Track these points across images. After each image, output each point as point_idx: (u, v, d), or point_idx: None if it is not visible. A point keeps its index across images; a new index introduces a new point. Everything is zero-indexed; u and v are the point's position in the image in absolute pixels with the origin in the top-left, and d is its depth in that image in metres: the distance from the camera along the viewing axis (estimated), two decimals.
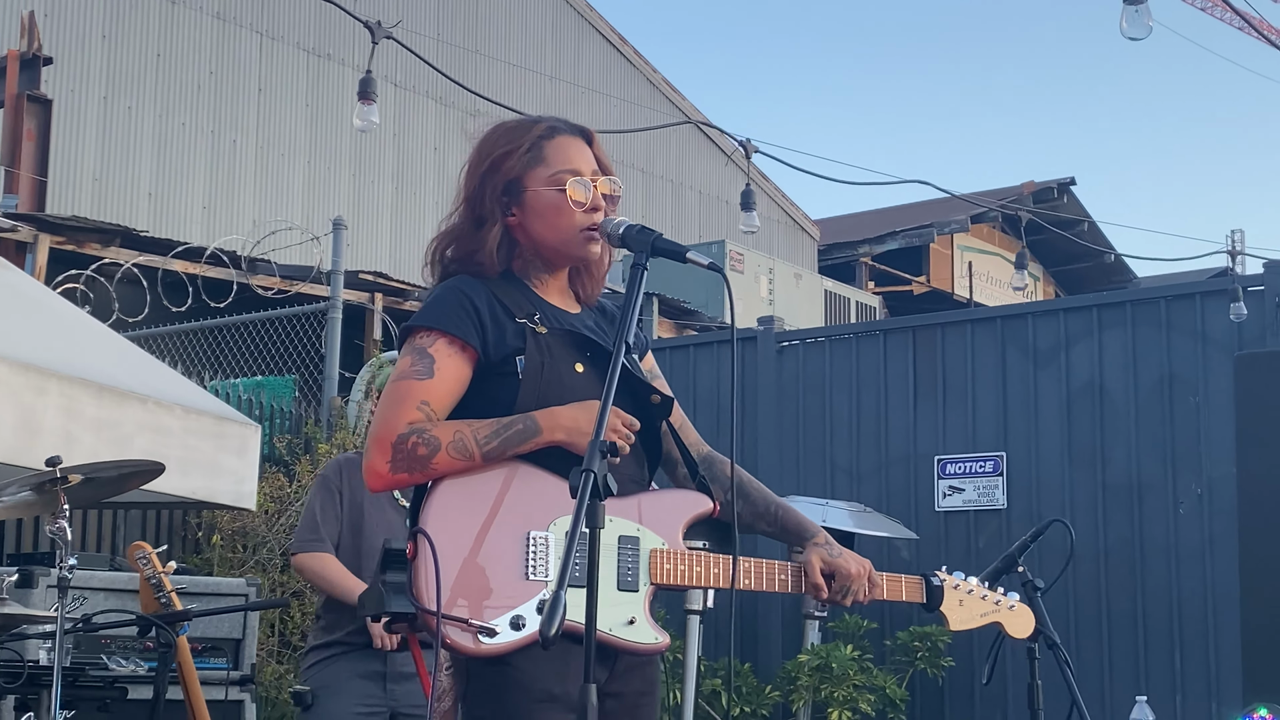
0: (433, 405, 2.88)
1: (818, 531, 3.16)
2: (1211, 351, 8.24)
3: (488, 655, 2.77)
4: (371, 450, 2.87)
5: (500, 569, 2.80)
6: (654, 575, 2.93)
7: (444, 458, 2.81)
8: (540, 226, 3.03)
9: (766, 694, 8.52)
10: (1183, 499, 8.20)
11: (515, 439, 2.84)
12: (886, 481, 9.16)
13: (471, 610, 2.76)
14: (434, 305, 2.98)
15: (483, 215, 3.04)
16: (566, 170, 3.03)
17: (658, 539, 2.95)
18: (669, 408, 3.09)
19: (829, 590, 3.08)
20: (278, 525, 8.61)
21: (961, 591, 3.32)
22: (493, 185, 3.04)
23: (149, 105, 13.64)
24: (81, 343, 5.90)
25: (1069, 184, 21.20)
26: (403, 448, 2.82)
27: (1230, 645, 7.64)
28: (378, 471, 2.86)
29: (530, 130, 3.09)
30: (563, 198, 3.01)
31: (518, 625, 2.77)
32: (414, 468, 2.82)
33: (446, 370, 2.91)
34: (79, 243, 10.56)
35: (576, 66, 17.29)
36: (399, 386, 2.90)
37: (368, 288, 11.46)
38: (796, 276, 15.88)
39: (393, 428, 2.85)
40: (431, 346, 2.92)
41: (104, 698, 4.99)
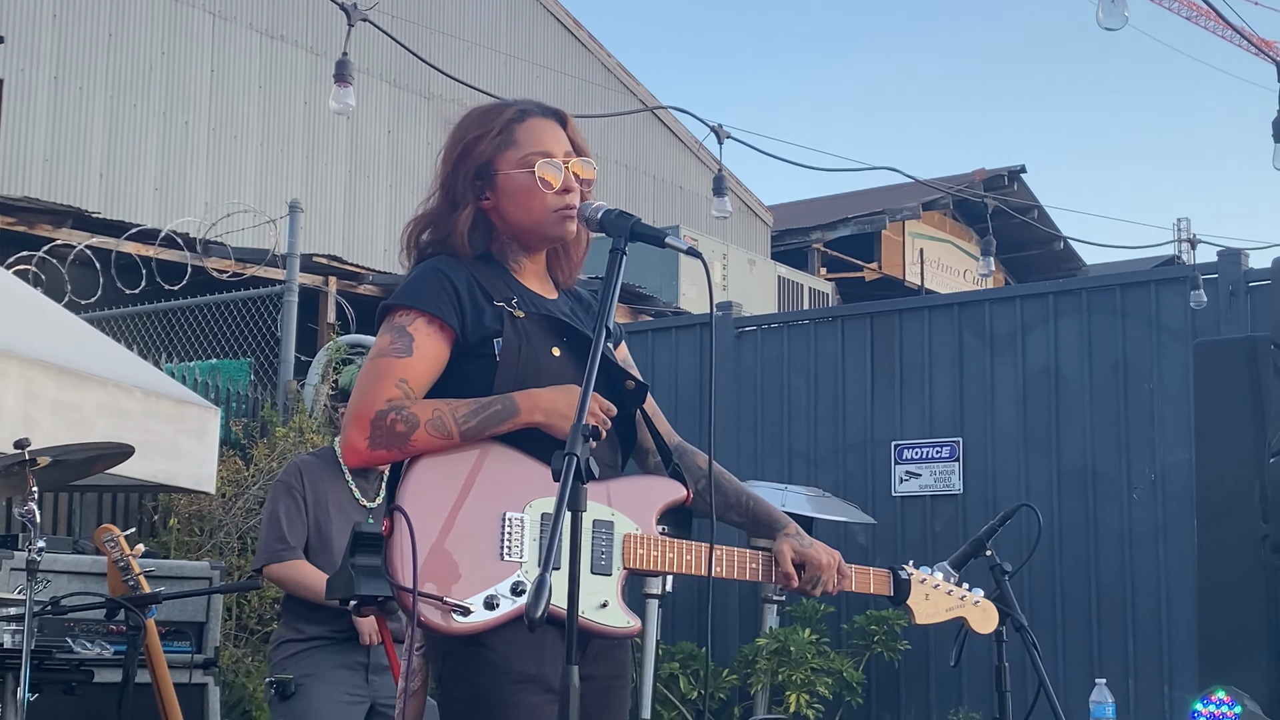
0: (411, 383, 2.88)
1: (789, 522, 3.18)
2: (1166, 339, 8.33)
3: (460, 634, 2.77)
4: (349, 426, 2.86)
5: (475, 549, 2.80)
6: (627, 560, 2.94)
7: (422, 435, 2.81)
8: (513, 209, 3.04)
9: (724, 677, 8.56)
10: (1136, 485, 8.29)
11: (494, 419, 2.85)
12: (844, 467, 9.21)
13: (445, 588, 2.76)
14: (414, 284, 2.98)
15: (456, 199, 3.04)
16: (537, 152, 3.04)
17: (632, 524, 2.96)
18: (643, 394, 3.11)
19: (799, 580, 3.10)
20: (234, 509, 8.57)
21: (928, 586, 3.36)
22: (465, 169, 3.04)
23: (100, 86, 13.50)
24: (39, 324, 5.84)
25: (1019, 171, 21.33)
26: (381, 424, 2.82)
27: (1182, 629, 7.74)
28: (355, 447, 2.85)
29: (502, 114, 3.09)
30: (533, 179, 3.01)
31: (491, 605, 2.77)
32: (392, 444, 2.82)
33: (425, 349, 2.91)
34: (30, 224, 10.46)
35: (531, 48, 17.25)
36: (378, 364, 2.90)
37: (322, 271, 11.40)
38: (750, 263, 15.91)
39: (371, 404, 2.84)
40: (411, 325, 2.92)
41: (70, 681, 4.96)
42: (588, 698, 2.94)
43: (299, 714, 4.76)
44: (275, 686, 4.77)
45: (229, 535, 8.51)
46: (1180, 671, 7.79)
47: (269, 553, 4.88)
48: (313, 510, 4.94)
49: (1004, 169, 21.21)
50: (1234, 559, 5.71)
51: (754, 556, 3.10)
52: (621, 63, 18.25)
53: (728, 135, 7.22)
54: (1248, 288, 8.12)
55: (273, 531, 4.90)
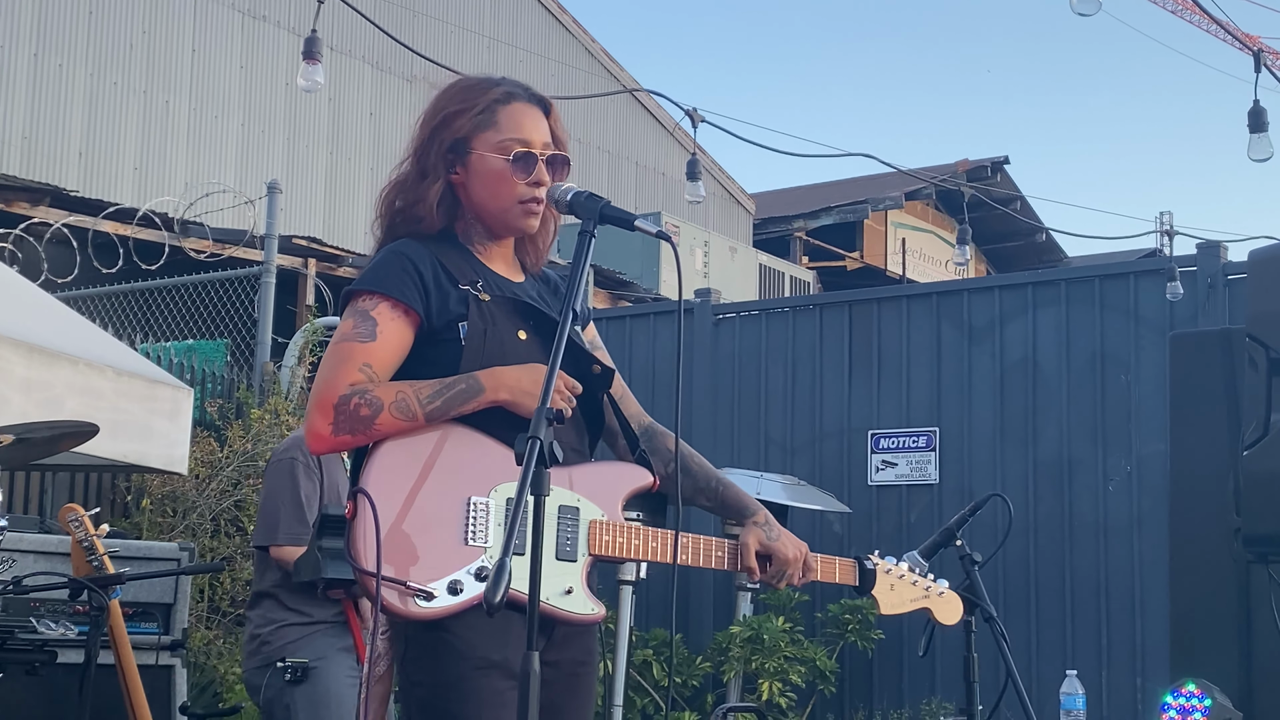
0: (375, 368, 2.85)
1: (758, 510, 3.16)
2: (1143, 331, 8.33)
3: (423, 619, 2.75)
4: (313, 412, 2.83)
5: (439, 533, 2.78)
6: (592, 546, 2.92)
7: (387, 418, 2.78)
8: (481, 191, 3.01)
9: (697, 664, 8.55)
10: (1112, 476, 8.29)
11: (458, 399, 2.82)
12: (820, 455, 9.20)
13: (408, 573, 2.73)
14: (377, 269, 2.95)
15: (426, 169, 3.01)
16: (516, 139, 3.00)
17: (597, 510, 2.94)
18: (610, 378, 3.08)
19: (763, 572, 3.09)
20: (208, 490, 8.54)
21: (893, 576, 3.35)
22: (440, 140, 3.01)
23: (80, 64, 13.41)
24: (11, 302, 5.79)
25: (1003, 163, 21.32)
26: (345, 409, 2.79)
27: (1155, 621, 7.75)
28: (319, 433, 2.82)
29: (488, 92, 3.05)
30: (506, 166, 2.98)
31: (455, 590, 2.75)
32: (356, 429, 2.79)
33: (389, 334, 2.88)
34: (7, 201, 10.40)
35: (514, 32, 17.18)
36: (340, 349, 2.87)
37: (301, 253, 11.36)
38: (731, 250, 15.89)
39: (334, 389, 2.81)
40: (374, 310, 2.89)
41: (33, 661, 4.92)
42: (554, 683, 2.92)
43: (318, 697, 4.70)
44: (290, 670, 4.68)
45: (202, 516, 8.48)
46: (1153, 663, 7.80)
47: (291, 534, 4.77)
48: (326, 494, 4.89)
49: (987, 160, 21.19)
50: (1206, 551, 5.70)
51: (719, 545, 3.09)
52: (605, 48, 18.20)
53: (702, 119, 7.19)
54: (1226, 280, 8.14)
55: (295, 513, 4.80)
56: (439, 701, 2.79)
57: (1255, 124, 6.40)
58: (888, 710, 8.64)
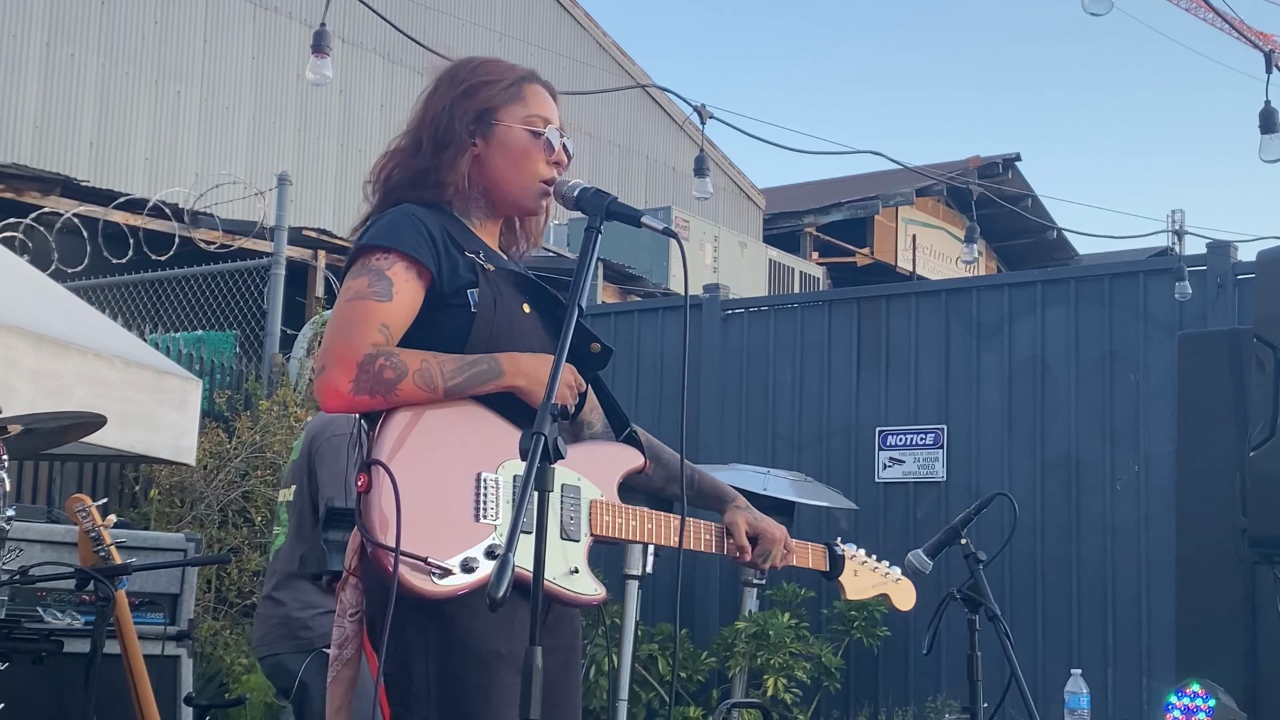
0: (391, 329, 2.77)
1: (736, 495, 3.18)
2: (1153, 330, 8.32)
3: (439, 597, 2.67)
4: (332, 367, 2.72)
5: (451, 509, 2.72)
6: (594, 526, 2.90)
7: (409, 385, 2.71)
8: (504, 163, 2.98)
9: (703, 660, 8.56)
10: (1120, 475, 8.28)
11: (478, 378, 2.77)
12: (827, 451, 9.19)
13: (423, 549, 2.66)
14: (390, 226, 2.86)
15: (446, 139, 2.96)
16: (541, 116, 3.01)
17: (596, 490, 2.92)
18: (606, 359, 3.04)
19: (751, 552, 3.10)
20: (216, 481, 8.56)
21: (856, 562, 3.38)
22: (463, 110, 2.97)
23: (92, 53, 13.44)
24: (20, 292, 5.80)
25: (1014, 160, 21.27)
26: (369, 368, 2.70)
27: (1162, 621, 7.74)
28: (337, 389, 2.71)
29: (512, 69, 3.06)
30: (534, 141, 2.98)
31: (469, 568, 2.69)
32: (377, 390, 2.70)
33: (404, 294, 2.80)
34: (18, 191, 10.43)
35: (526, 26, 17.18)
36: (357, 306, 2.77)
37: (311, 245, 11.38)
38: (741, 245, 15.88)
39: (357, 347, 2.72)
40: (390, 269, 2.80)
41: (39, 650, 4.92)
42: (549, 669, 2.91)
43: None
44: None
45: (210, 507, 8.50)
46: (1159, 663, 7.79)
47: None
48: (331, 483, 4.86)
49: (999, 157, 21.15)
50: (1212, 552, 5.70)
51: (708, 528, 3.10)
52: (617, 41, 18.20)
53: (710, 115, 7.19)
54: (1236, 280, 8.11)
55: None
56: (445, 694, 2.74)
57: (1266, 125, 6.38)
58: (893, 708, 8.64)
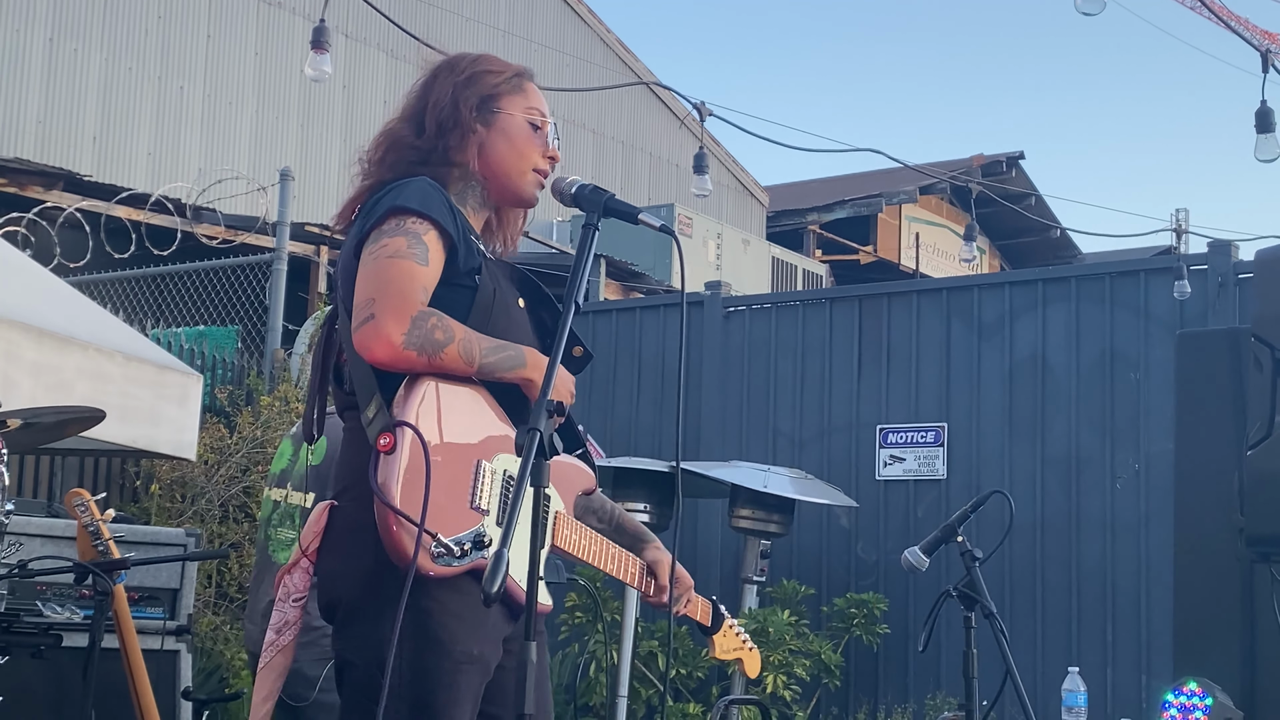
0: (426, 296, 2.77)
1: (654, 537, 3.26)
2: (1154, 329, 8.32)
3: (435, 576, 2.66)
4: (386, 315, 2.69)
5: (452, 490, 2.73)
6: (556, 537, 2.95)
7: (454, 352, 2.71)
8: (505, 150, 3.01)
9: (703, 656, 8.56)
10: (1120, 474, 8.29)
11: (505, 364, 2.79)
12: (828, 449, 9.20)
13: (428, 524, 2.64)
14: (422, 194, 2.84)
15: (451, 122, 2.98)
16: (540, 111, 3.08)
17: (560, 503, 2.98)
18: (585, 364, 3.08)
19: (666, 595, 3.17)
20: (217, 476, 8.57)
21: (728, 624, 3.44)
22: (467, 96, 3.01)
23: (95, 49, 13.45)
24: (22, 286, 5.81)
25: (1018, 158, 21.25)
26: (423, 325, 2.69)
27: (1161, 620, 7.74)
28: (390, 339, 2.68)
29: (511, 63, 3.13)
30: (534, 132, 3.04)
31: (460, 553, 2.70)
32: (425, 349, 2.69)
33: (435, 263, 2.80)
34: (21, 185, 10.43)
35: (530, 22, 17.18)
36: (401, 265, 2.75)
37: (313, 240, 11.38)
38: (744, 242, 15.88)
39: (411, 300, 2.70)
40: (425, 235, 2.79)
41: (38, 644, 4.94)
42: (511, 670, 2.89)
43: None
44: None
45: (210, 502, 8.51)
46: (1158, 661, 7.79)
47: None
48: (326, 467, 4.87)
49: (1003, 155, 21.13)
50: (1210, 550, 5.70)
51: (634, 561, 3.19)
52: (621, 38, 18.19)
53: (710, 113, 7.20)
54: (1237, 279, 8.11)
55: None
56: (417, 690, 2.71)
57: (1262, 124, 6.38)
58: (892, 705, 8.64)
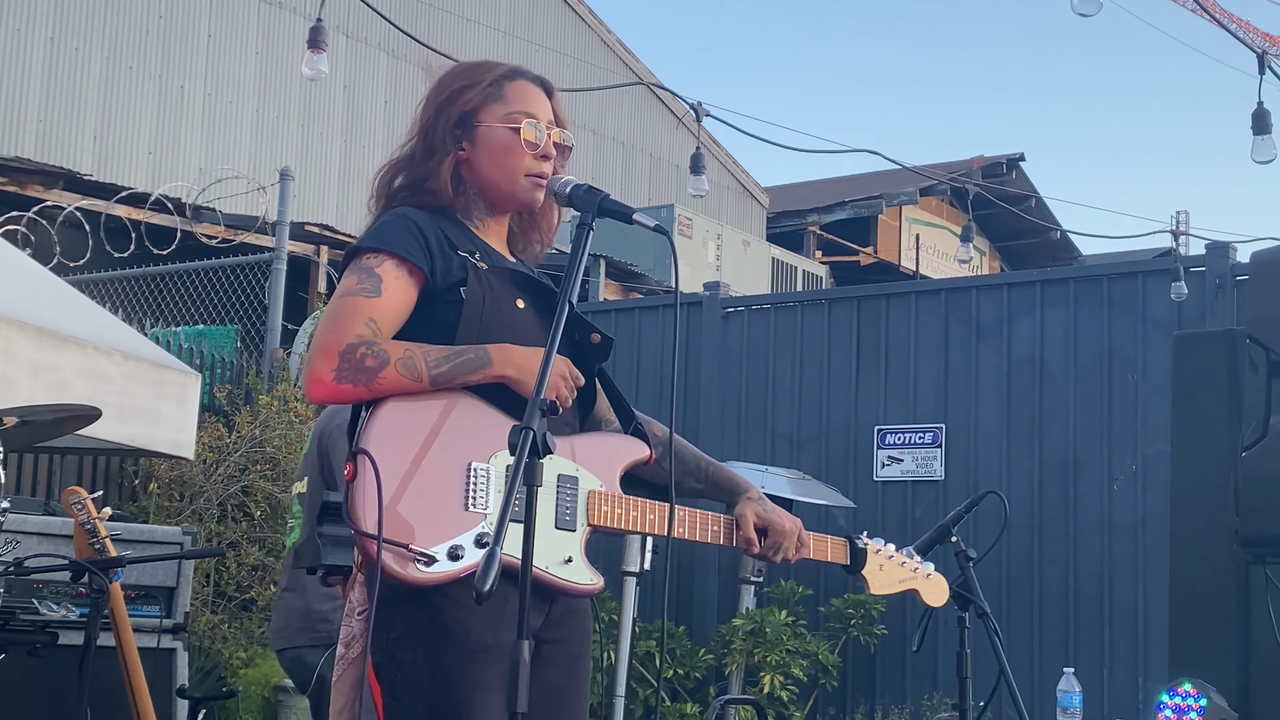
0: (379, 324, 2.80)
1: (750, 487, 3.16)
2: (1151, 331, 8.33)
3: (423, 584, 2.68)
4: (316, 358, 2.76)
5: (440, 498, 2.73)
6: (591, 516, 2.89)
7: (391, 374, 2.73)
8: (488, 164, 3.01)
9: (700, 657, 8.58)
10: (1118, 475, 8.29)
11: (465, 367, 2.79)
12: (826, 450, 9.21)
13: (408, 537, 2.67)
14: (381, 229, 2.91)
15: (434, 145, 3.00)
16: (522, 112, 3.02)
17: (596, 480, 2.92)
18: (608, 349, 3.05)
19: (760, 545, 3.09)
20: (215, 475, 8.58)
21: (882, 557, 3.36)
22: (447, 116, 3.01)
23: (96, 48, 13.46)
24: (21, 285, 5.82)
25: (1018, 160, 21.25)
26: (351, 357, 2.73)
27: (1158, 621, 7.74)
28: (321, 379, 2.75)
29: (494, 69, 3.08)
30: (515, 137, 2.99)
31: (455, 556, 2.70)
32: (359, 379, 2.73)
33: (394, 291, 2.83)
34: (21, 184, 10.45)
35: (531, 24, 17.19)
36: (345, 302, 2.82)
37: (313, 240, 11.40)
38: (744, 243, 15.88)
39: (341, 337, 2.75)
40: (379, 267, 2.84)
41: (34, 642, 4.94)
42: (556, 663, 2.91)
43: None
44: None
45: (209, 501, 8.52)
46: (1155, 662, 7.80)
47: None
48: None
49: (1003, 157, 21.13)
50: (1206, 552, 5.71)
51: (715, 519, 3.08)
52: (621, 38, 18.20)
53: (707, 113, 7.21)
54: (1235, 281, 8.13)
55: None
56: (433, 685, 2.74)
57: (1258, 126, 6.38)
58: (889, 705, 8.65)
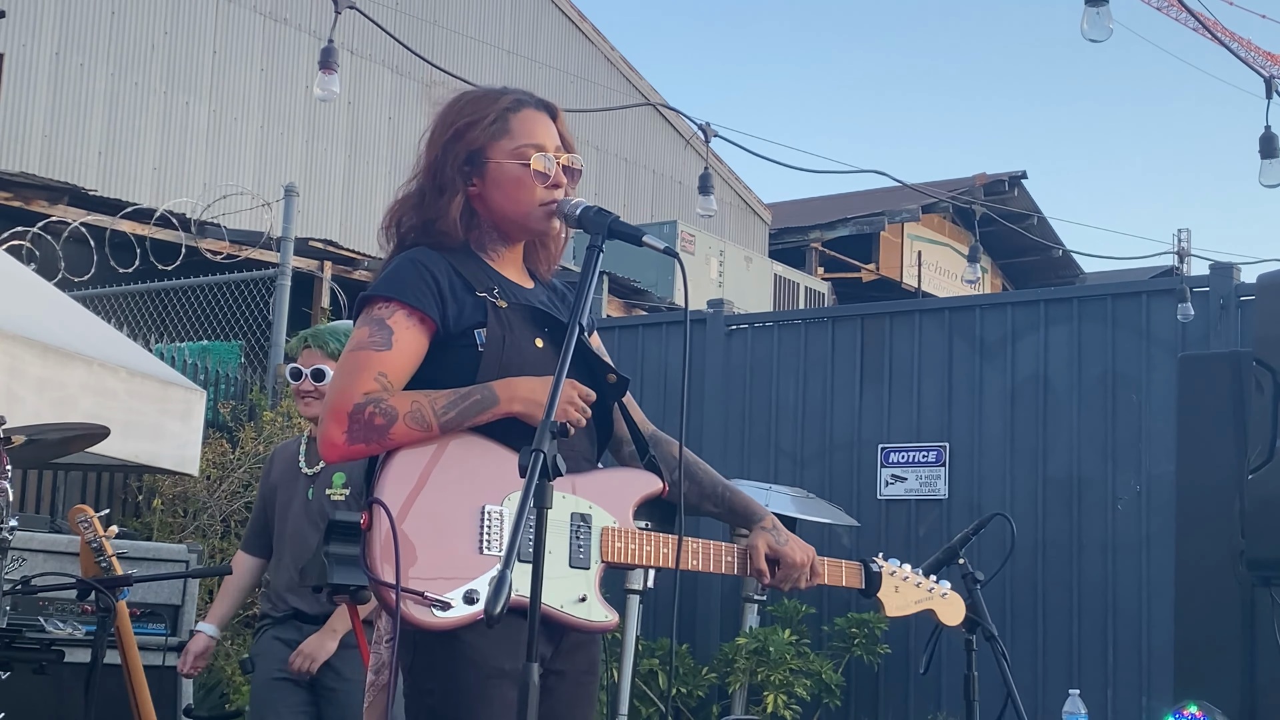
0: (390, 377, 2.84)
1: (765, 515, 3.17)
2: (1155, 350, 8.32)
3: (440, 629, 2.74)
4: (327, 421, 2.82)
5: (454, 542, 2.78)
6: (605, 553, 2.92)
7: (401, 428, 2.78)
8: (501, 199, 3.01)
9: (703, 675, 8.56)
10: (1121, 495, 8.29)
11: (473, 409, 2.82)
12: (830, 468, 9.20)
13: (425, 583, 2.73)
14: (393, 276, 2.94)
15: (444, 184, 3.01)
16: (530, 144, 3.02)
17: (609, 517, 2.95)
18: (624, 388, 3.08)
19: (772, 576, 3.10)
20: (219, 491, 8.57)
21: (897, 579, 3.35)
22: (455, 154, 3.01)
23: (102, 63, 13.49)
24: (26, 301, 5.83)
25: (1020, 177, 21.29)
26: (359, 418, 2.78)
27: (1162, 641, 7.73)
28: (334, 442, 2.81)
29: (496, 101, 3.07)
30: (525, 171, 2.99)
31: (471, 600, 2.75)
32: (371, 438, 2.79)
33: (405, 342, 2.87)
34: (26, 199, 10.47)
35: (535, 42, 17.23)
36: (356, 357, 2.86)
37: (318, 255, 11.41)
38: (747, 260, 15.91)
39: (349, 398, 2.81)
40: (390, 318, 2.88)
41: (41, 660, 4.95)
42: (559, 692, 2.94)
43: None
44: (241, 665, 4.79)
45: (213, 518, 8.51)
46: (1159, 684, 7.78)
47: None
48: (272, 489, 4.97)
49: (1005, 174, 21.17)
50: (1211, 573, 5.70)
51: (729, 549, 3.09)
52: (625, 56, 18.24)
53: (714, 133, 7.22)
54: (1239, 302, 8.12)
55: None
56: (449, 709, 2.78)
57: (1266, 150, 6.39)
58: None
